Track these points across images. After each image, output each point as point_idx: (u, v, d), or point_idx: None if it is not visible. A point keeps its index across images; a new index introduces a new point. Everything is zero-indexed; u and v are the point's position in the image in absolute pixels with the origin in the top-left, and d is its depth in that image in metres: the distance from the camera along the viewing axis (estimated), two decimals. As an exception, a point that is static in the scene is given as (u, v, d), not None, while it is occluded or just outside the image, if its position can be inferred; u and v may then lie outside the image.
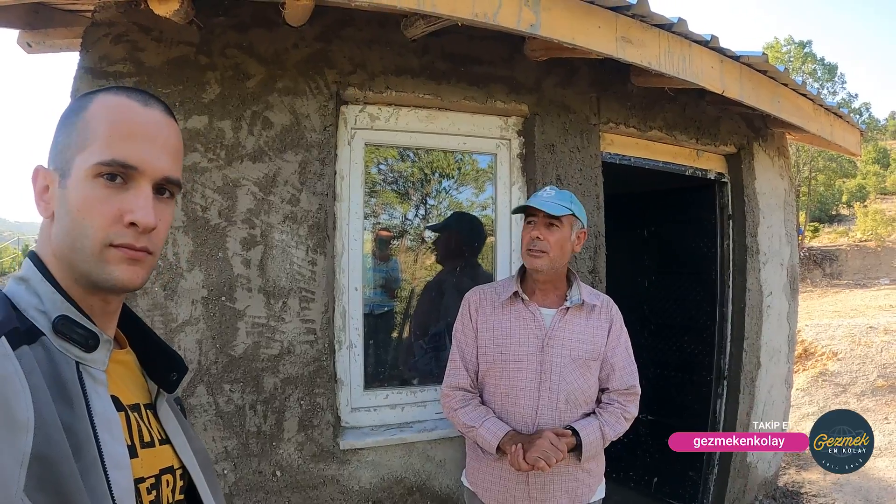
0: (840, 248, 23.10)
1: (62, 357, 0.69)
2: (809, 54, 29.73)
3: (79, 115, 0.76)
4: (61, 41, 2.50)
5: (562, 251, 1.91)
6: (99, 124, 0.74)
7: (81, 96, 0.79)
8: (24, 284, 0.73)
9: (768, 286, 3.45)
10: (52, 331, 0.70)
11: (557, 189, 1.97)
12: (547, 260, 1.89)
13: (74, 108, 0.77)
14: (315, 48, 2.28)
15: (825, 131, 3.30)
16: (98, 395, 0.71)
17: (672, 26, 2.30)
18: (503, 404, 1.92)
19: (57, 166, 0.75)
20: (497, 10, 1.93)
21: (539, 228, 1.90)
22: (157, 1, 1.80)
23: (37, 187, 0.76)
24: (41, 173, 0.76)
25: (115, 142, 0.73)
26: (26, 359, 0.64)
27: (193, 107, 2.13)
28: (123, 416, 0.76)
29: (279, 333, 2.18)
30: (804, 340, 7.79)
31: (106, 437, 0.69)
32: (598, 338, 1.95)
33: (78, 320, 0.72)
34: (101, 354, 0.74)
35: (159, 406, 0.86)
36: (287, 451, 2.18)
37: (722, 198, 3.47)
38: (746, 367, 3.33)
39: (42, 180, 0.76)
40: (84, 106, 0.76)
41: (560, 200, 1.91)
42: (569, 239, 1.93)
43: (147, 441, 0.79)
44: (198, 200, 2.11)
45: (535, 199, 1.95)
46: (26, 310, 0.70)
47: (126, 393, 0.80)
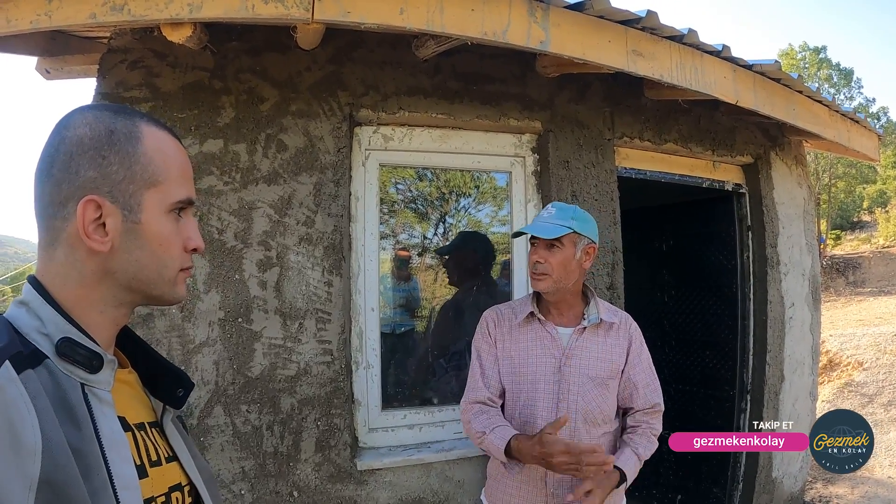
0: (863, 256, 22.72)
1: (67, 379, 0.69)
2: (825, 60, 29.53)
3: (134, 148, 0.76)
4: (79, 67, 2.56)
5: (566, 271, 1.86)
6: (165, 164, 0.79)
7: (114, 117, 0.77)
8: (24, 308, 0.73)
9: (790, 297, 3.39)
10: (55, 353, 0.70)
11: (561, 205, 1.94)
12: (550, 282, 1.86)
13: (124, 138, 0.76)
14: (327, 71, 2.30)
15: (842, 137, 3.26)
16: (105, 417, 0.71)
17: (683, 37, 2.29)
18: (521, 425, 1.89)
19: (117, 200, 0.75)
20: (506, 28, 1.93)
21: (539, 251, 1.88)
22: (170, 27, 1.83)
23: (86, 219, 0.73)
24: (93, 206, 0.74)
25: (183, 182, 0.82)
26: (31, 382, 0.64)
27: (209, 131, 2.16)
28: (131, 435, 0.76)
29: (296, 354, 2.18)
30: (829, 351, 7.65)
31: (115, 459, 0.69)
32: (616, 356, 1.92)
33: (81, 342, 0.72)
34: (105, 375, 0.74)
35: (165, 423, 0.87)
36: (304, 471, 2.17)
37: (740, 209, 3.43)
38: (770, 380, 3.27)
39: (93, 213, 0.74)
40: (135, 137, 0.77)
41: (559, 220, 1.86)
42: (573, 258, 1.87)
43: (154, 460, 0.79)
44: (214, 223, 2.13)
45: (534, 221, 1.93)
46: (28, 333, 0.70)
47: (132, 412, 0.80)
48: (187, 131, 2.14)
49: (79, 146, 0.74)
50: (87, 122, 0.75)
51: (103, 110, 0.78)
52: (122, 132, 0.76)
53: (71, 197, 0.74)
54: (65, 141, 0.75)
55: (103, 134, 0.75)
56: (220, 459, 2.09)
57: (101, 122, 0.76)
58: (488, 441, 1.82)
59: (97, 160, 0.74)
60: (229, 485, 2.09)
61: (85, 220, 0.73)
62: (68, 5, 1.69)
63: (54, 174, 0.74)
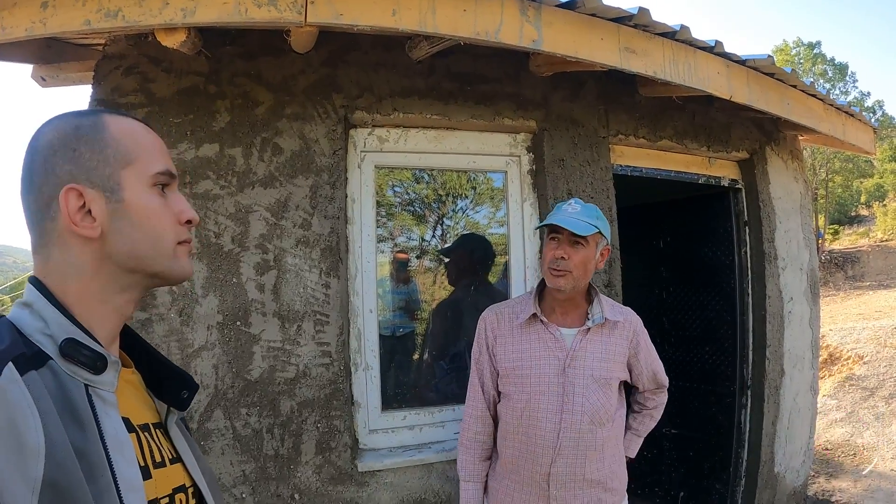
0: (861, 250, 22.75)
1: (71, 380, 0.69)
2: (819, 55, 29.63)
3: (101, 134, 0.78)
4: (74, 74, 2.57)
5: (585, 270, 1.85)
6: (136, 142, 0.80)
7: (77, 116, 0.79)
8: (27, 309, 0.73)
9: (788, 292, 3.39)
10: (59, 354, 0.70)
11: (583, 203, 1.90)
12: (570, 279, 1.83)
13: (89, 128, 0.77)
14: (322, 73, 2.31)
15: (837, 131, 3.26)
16: (109, 417, 0.71)
17: (675, 34, 2.30)
18: (524, 427, 1.86)
19: (96, 184, 0.76)
20: (498, 28, 1.94)
21: (563, 247, 1.83)
22: (164, 32, 1.83)
23: (70, 208, 0.74)
24: (75, 194, 0.74)
25: (158, 156, 0.82)
26: (35, 384, 0.64)
27: (204, 135, 2.16)
28: (135, 436, 0.76)
29: (294, 357, 2.18)
30: (829, 345, 7.66)
31: (119, 460, 0.69)
32: (619, 355, 1.91)
33: (85, 342, 0.72)
34: (109, 376, 0.74)
35: (170, 425, 0.87)
36: (305, 474, 2.17)
37: (737, 204, 3.43)
38: (770, 375, 3.27)
39: (76, 201, 0.74)
40: (100, 125, 0.78)
41: (587, 217, 1.83)
42: (593, 258, 1.86)
43: (159, 461, 0.80)
44: (211, 227, 2.13)
45: (561, 215, 1.86)
46: (32, 334, 0.70)
47: (136, 413, 0.80)
48: (183, 136, 2.14)
49: (50, 149, 0.76)
50: (53, 127, 0.78)
51: (66, 115, 0.81)
52: (87, 124, 0.78)
53: (53, 195, 0.75)
54: (37, 150, 0.77)
55: (70, 131, 0.77)
56: (220, 463, 2.09)
57: (66, 122, 0.78)
58: (462, 487, 2.00)
59: (69, 154, 0.76)
60: (230, 488, 2.09)
61: (69, 210, 0.74)
62: (63, 12, 1.70)
63: (35, 181, 0.76)
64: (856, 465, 5.03)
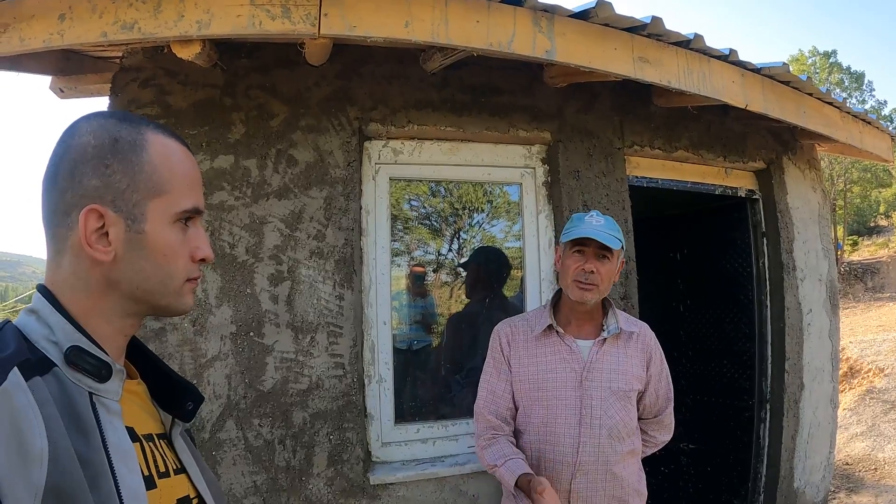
0: (881, 261, 22.41)
1: (75, 388, 0.69)
2: (835, 64, 29.38)
3: (139, 156, 0.76)
4: (92, 86, 2.61)
5: (609, 284, 1.88)
6: (171, 173, 0.78)
7: (119, 124, 0.77)
8: (34, 316, 0.73)
9: (807, 303, 3.33)
10: (63, 361, 0.70)
11: (603, 215, 1.90)
12: (597, 293, 1.84)
13: (128, 145, 0.76)
14: (336, 86, 2.32)
15: (854, 139, 3.22)
16: (112, 426, 0.71)
17: (689, 43, 2.28)
18: (542, 442, 1.85)
19: (120, 209, 0.74)
20: (511, 39, 1.94)
21: (592, 261, 1.83)
22: (180, 45, 1.85)
23: (88, 229, 0.73)
24: (95, 215, 0.73)
25: (189, 191, 0.80)
26: (39, 390, 0.63)
27: (220, 147, 2.18)
28: (139, 446, 0.76)
29: (308, 368, 2.18)
30: (849, 358, 7.53)
31: (122, 468, 0.68)
32: (636, 367, 1.89)
33: (90, 350, 0.72)
34: (114, 384, 0.74)
35: (174, 436, 0.86)
36: (317, 486, 2.16)
37: (754, 215, 3.39)
38: (789, 388, 3.21)
39: (95, 222, 0.73)
40: (140, 145, 0.76)
41: (612, 230, 1.84)
42: (615, 271, 1.89)
43: (163, 471, 0.79)
44: (225, 238, 2.14)
45: (589, 227, 1.85)
46: (37, 341, 0.70)
47: (140, 423, 0.79)
48: (198, 147, 2.16)
49: (83, 154, 0.74)
50: (92, 130, 0.76)
51: (109, 118, 0.78)
52: (127, 140, 0.76)
53: (74, 206, 0.73)
54: (69, 149, 0.75)
55: (107, 142, 0.75)
56: (232, 473, 2.08)
57: (106, 130, 0.76)
58: (499, 473, 1.82)
59: (100, 169, 0.74)
60: (241, 499, 2.08)
61: (87, 230, 0.73)
62: (80, 24, 1.72)
63: (59, 183, 0.75)
64: (877, 479, 4.92)
